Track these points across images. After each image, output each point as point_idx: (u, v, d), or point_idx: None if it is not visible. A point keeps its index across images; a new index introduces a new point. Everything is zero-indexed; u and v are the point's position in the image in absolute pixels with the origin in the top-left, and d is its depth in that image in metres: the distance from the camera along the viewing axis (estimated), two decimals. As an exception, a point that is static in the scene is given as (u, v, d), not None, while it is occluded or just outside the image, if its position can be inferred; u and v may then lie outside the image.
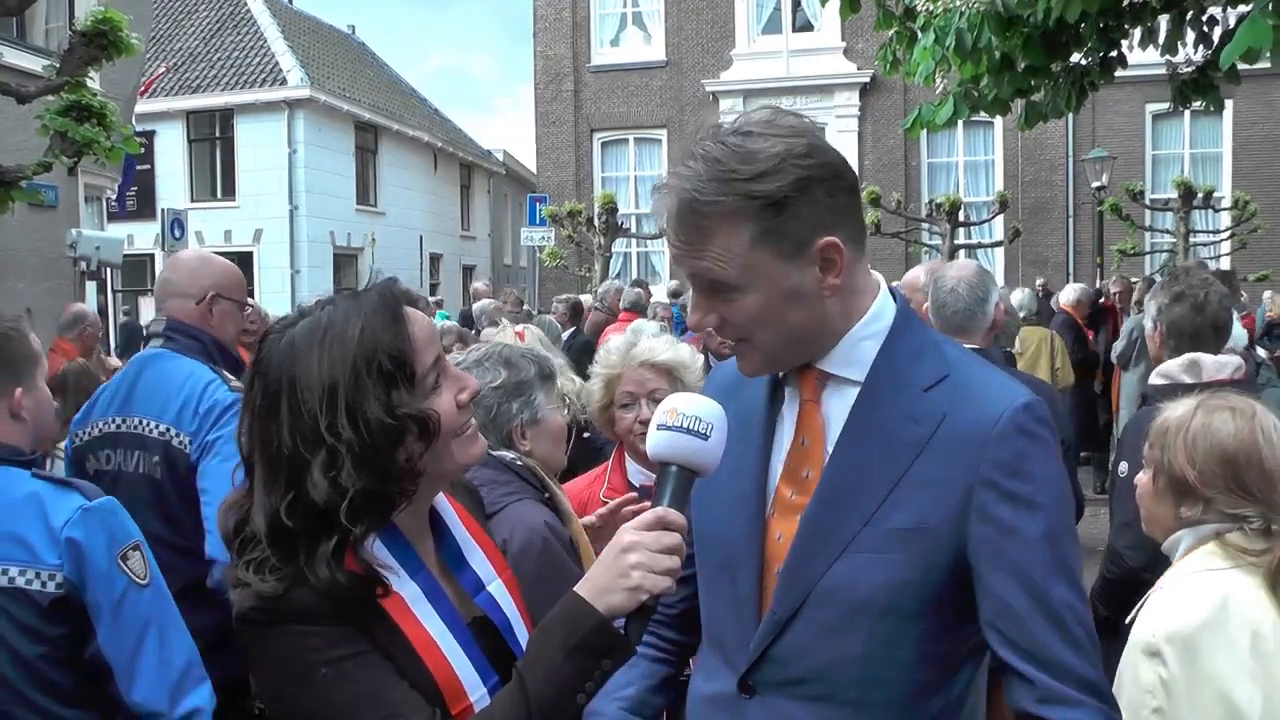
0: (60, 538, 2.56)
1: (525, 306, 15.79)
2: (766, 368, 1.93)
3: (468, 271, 35.25)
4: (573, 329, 11.20)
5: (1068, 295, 13.27)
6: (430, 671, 1.77)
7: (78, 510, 2.60)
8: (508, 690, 1.75)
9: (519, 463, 3.01)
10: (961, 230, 23.06)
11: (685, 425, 1.76)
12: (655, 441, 1.79)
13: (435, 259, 34.09)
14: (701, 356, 3.89)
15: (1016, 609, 1.72)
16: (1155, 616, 2.53)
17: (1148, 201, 23.65)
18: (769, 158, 1.74)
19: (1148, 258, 23.98)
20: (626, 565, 1.70)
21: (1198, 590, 2.53)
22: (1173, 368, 3.96)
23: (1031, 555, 1.72)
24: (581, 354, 7.83)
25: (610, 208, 21.75)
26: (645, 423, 3.57)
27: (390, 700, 1.71)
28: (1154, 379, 4.02)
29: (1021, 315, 12.00)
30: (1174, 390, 3.71)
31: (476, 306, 11.68)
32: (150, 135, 26.97)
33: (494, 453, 2.97)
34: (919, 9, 8.16)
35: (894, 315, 1.90)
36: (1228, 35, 8.07)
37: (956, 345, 1.96)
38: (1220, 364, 3.92)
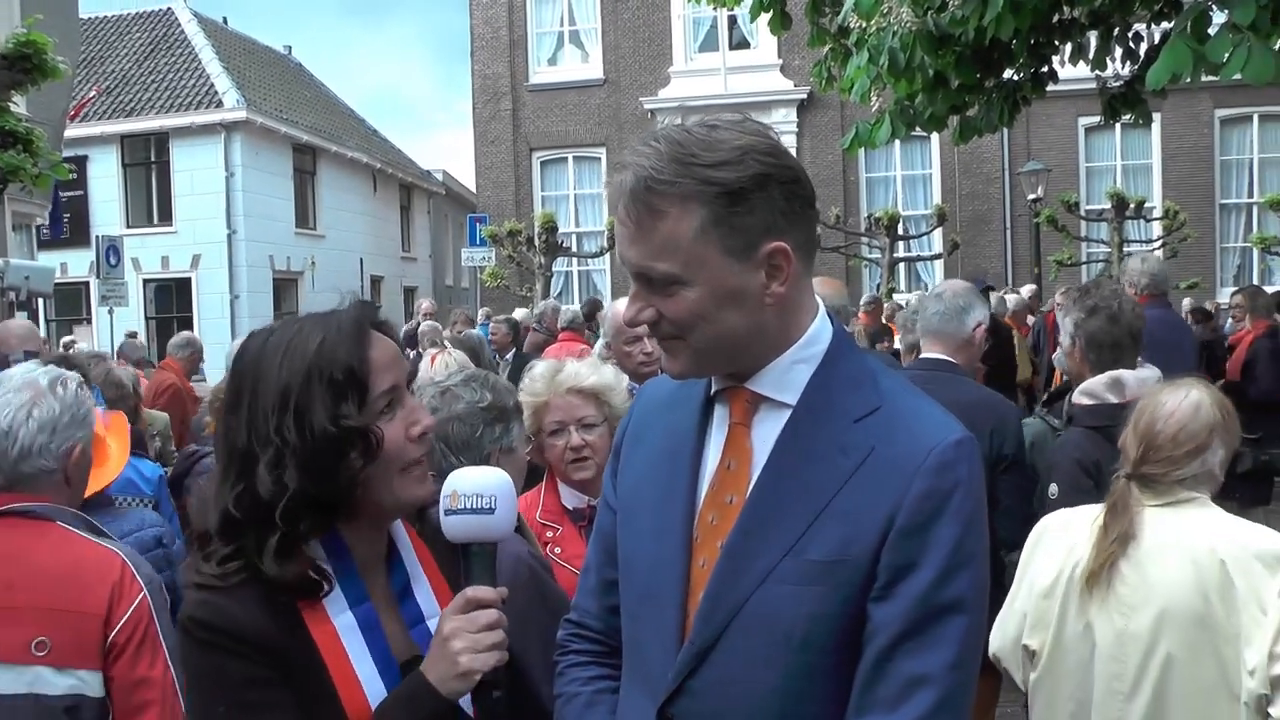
0: None
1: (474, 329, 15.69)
2: (694, 369, 1.88)
3: (409, 293, 35.04)
4: (513, 349, 11.13)
5: (1009, 303, 13.48)
6: (344, 708, 1.81)
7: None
8: None
9: None
10: (901, 243, 23.31)
11: (468, 505, 1.83)
12: (447, 527, 1.86)
13: (376, 281, 33.85)
14: (625, 377, 3.89)
15: (878, 639, 1.72)
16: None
17: (1083, 212, 24.02)
18: (732, 149, 1.73)
19: (1084, 267, 24.31)
20: (453, 653, 1.79)
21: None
22: (1097, 387, 4.02)
23: (919, 591, 1.70)
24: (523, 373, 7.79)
25: (550, 227, 21.73)
26: (576, 449, 3.58)
27: None
28: (1079, 398, 4.06)
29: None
30: (1100, 410, 3.87)
31: (421, 327, 11.66)
32: (83, 160, 26.64)
33: None
34: (852, 27, 8.20)
35: (830, 339, 1.87)
36: (1153, 50, 8.21)
37: (894, 376, 1.92)
38: (1141, 380, 3.98)
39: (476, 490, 1.81)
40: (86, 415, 2.98)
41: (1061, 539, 3.06)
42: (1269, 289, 17.16)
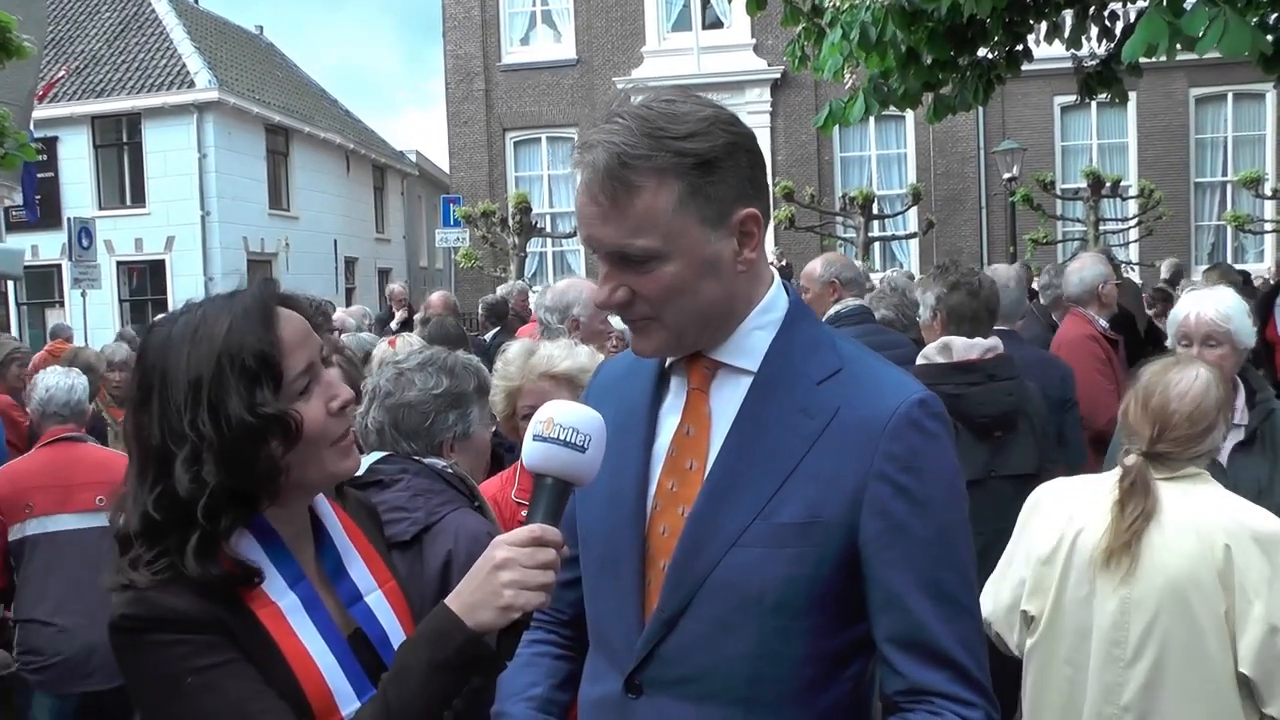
0: None
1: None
2: (669, 348, 1.86)
3: (383, 275, 34.89)
4: (497, 329, 10.79)
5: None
6: (300, 684, 1.76)
7: None
8: (371, 702, 1.75)
9: (450, 470, 2.97)
10: (876, 223, 23.33)
11: (561, 437, 1.71)
12: (530, 453, 1.74)
13: (350, 262, 33.69)
14: (601, 358, 3.86)
15: (902, 601, 1.71)
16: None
17: (1058, 191, 24.13)
18: (699, 120, 1.74)
19: (1060, 246, 24.39)
20: (499, 583, 1.69)
21: None
22: (930, 351, 4.46)
23: (922, 551, 1.71)
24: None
25: (524, 207, 21.63)
26: None
27: (254, 711, 1.70)
28: (919, 361, 4.47)
29: None
30: (929, 370, 4.32)
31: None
32: (53, 142, 26.34)
33: (425, 461, 2.96)
34: (825, 5, 8.18)
35: (787, 306, 1.87)
36: (1129, 29, 8.21)
37: (851, 341, 1.93)
38: (969, 345, 4.44)
39: (574, 425, 1.70)
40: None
41: (1059, 507, 3.12)
42: (1241, 266, 17.31)
